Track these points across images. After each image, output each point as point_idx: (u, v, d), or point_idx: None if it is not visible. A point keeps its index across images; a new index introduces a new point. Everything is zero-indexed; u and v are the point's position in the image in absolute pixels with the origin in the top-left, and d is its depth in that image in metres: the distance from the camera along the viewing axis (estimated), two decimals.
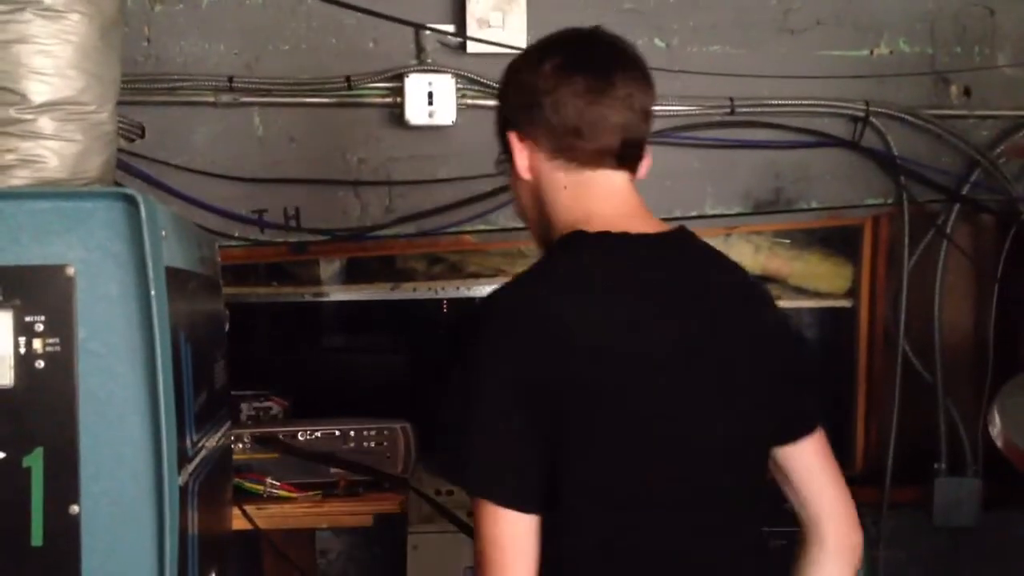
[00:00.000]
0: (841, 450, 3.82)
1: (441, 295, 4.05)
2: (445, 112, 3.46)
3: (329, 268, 3.96)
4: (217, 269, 2.68)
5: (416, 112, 3.46)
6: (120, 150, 3.42)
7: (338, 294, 3.99)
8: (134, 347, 1.75)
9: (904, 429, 3.73)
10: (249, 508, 3.05)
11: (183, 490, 1.90)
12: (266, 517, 3.07)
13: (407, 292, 3.98)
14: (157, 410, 1.74)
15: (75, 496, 1.74)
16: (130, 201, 1.74)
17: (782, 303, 3.94)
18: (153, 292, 1.72)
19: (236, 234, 3.55)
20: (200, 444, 2.13)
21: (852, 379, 3.92)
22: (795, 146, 3.63)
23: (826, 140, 3.63)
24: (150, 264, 1.72)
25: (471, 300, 3.99)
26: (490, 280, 3.98)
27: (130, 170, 3.45)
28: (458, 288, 4.02)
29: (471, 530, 3.35)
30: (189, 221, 2.56)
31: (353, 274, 3.99)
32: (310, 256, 3.69)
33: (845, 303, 3.93)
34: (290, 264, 3.95)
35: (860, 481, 3.83)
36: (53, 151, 2.13)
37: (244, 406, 3.63)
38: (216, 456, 2.35)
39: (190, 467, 1.99)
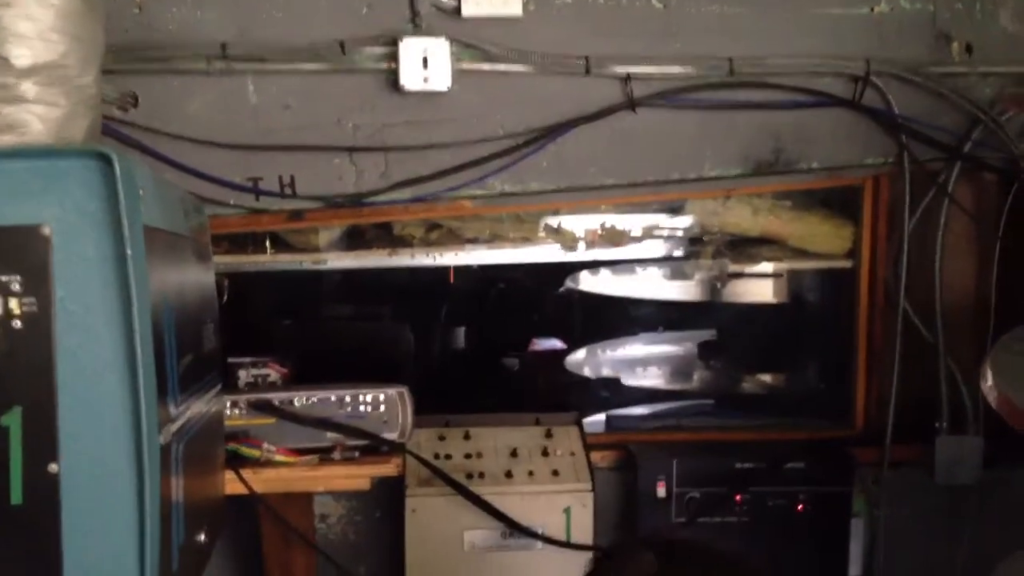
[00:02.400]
0: (842, 410, 3.92)
1: (440, 262, 4.04)
2: (440, 77, 3.43)
3: (328, 236, 3.95)
4: (207, 235, 2.68)
5: (411, 77, 3.43)
6: (113, 119, 3.45)
7: (336, 261, 3.97)
8: (112, 307, 1.75)
9: (905, 388, 3.71)
10: (246, 473, 3.07)
11: (166, 451, 1.90)
12: (263, 481, 3.09)
13: (405, 258, 3.98)
14: (135, 369, 1.74)
15: (53, 455, 1.75)
16: (105, 160, 1.73)
17: (782, 265, 3.94)
18: (129, 251, 1.72)
19: (232, 202, 3.52)
20: (185, 406, 2.13)
21: (853, 339, 3.92)
22: (795, 106, 3.57)
23: (826, 100, 3.57)
24: (126, 223, 1.72)
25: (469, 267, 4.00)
26: (489, 245, 3.98)
27: (124, 139, 3.43)
28: (456, 254, 4.02)
29: (468, 493, 3.40)
30: (176, 185, 2.56)
31: (352, 242, 3.98)
32: (306, 223, 3.67)
33: (846, 264, 3.92)
34: (288, 232, 3.94)
35: (861, 440, 3.86)
36: (37, 115, 2.12)
37: (242, 373, 3.62)
38: (205, 419, 2.35)
39: (173, 428, 1.99)
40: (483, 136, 3.55)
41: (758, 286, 4.36)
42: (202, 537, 2.30)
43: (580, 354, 5.09)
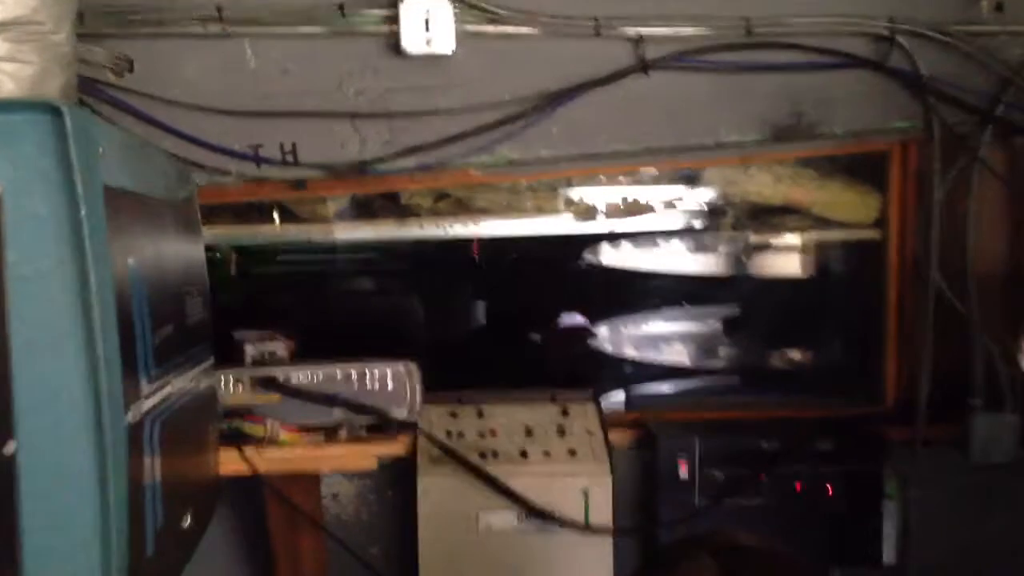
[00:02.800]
0: (872, 387, 3.75)
1: (450, 233, 3.91)
2: (443, 40, 3.31)
3: (334, 206, 3.83)
4: (195, 204, 2.55)
5: (413, 40, 3.30)
6: (109, 85, 3.35)
7: (342, 232, 3.84)
8: (68, 272, 1.62)
9: (938, 364, 3.54)
10: (249, 451, 2.96)
11: (136, 429, 1.78)
12: (267, 461, 3.00)
13: (413, 229, 3.84)
14: (93, 339, 1.61)
15: (9, 433, 1.62)
16: (57, 113, 1.59)
17: (806, 235, 3.79)
18: (84, 211, 1.59)
19: (232, 170, 3.43)
20: (163, 381, 2.00)
21: (882, 313, 3.72)
22: (816, 68, 3.44)
23: (849, 61, 3.44)
24: (79, 181, 1.59)
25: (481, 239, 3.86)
26: (500, 216, 3.84)
27: (120, 105, 3.34)
28: (467, 225, 3.89)
29: (483, 474, 3.27)
30: (161, 150, 2.43)
31: (358, 212, 3.85)
32: (309, 193, 3.55)
33: (873, 234, 3.75)
34: (295, 203, 3.82)
35: (892, 418, 3.68)
36: (8, 74, 2.01)
37: (249, 347, 3.50)
38: (191, 396, 2.23)
39: (147, 404, 1.87)
40: (489, 102, 3.43)
41: (783, 259, 4.22)
42: (187, 521, 2.18)
43: (601, 330, 4.94)
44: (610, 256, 4.55)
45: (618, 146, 3.50)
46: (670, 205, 3.96)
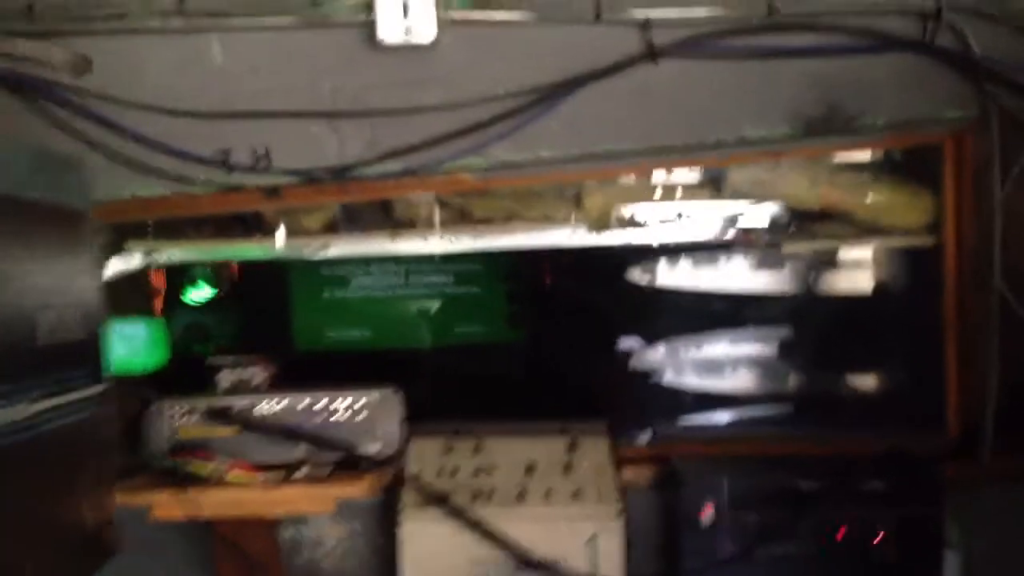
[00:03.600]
0: (930, 414, 3.38)
1: (457, 247, 3.57)
2: (423, 28, 3.02)
3: (321, 217, 3.52)
4: (85, 212, 2.23)
5: (390, 28, 3.01)
6: (66, 86, 3.10)
7: (326, 249, 3.54)
8: None
9: (1006, 386, 3.19)
10: (190, 493, 2.64)
11: None
12: (211, 504, 2.69)
13: (415, 242, 3.51)
14: None
15: None
16: None
17: (848, 244, 3.37)
18: None
19: (200, 178, 3.16)
20: None
21: (940, 329, 3.37)
22: (852, 51, 3.10)
23: (889, 42, 3.09)
24: None
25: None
26: (503, 228, 3.49)
27: (77, 108, 3.12)
28: (474, 238, 3.54)
29: (469, 519, 2.91)
30: (30, 145, 2.13)
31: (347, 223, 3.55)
32: (285, 202, 3.24)
33: (926, 240, 3.40)
34: (281, 215, 3.54)
35: (956, 452, 3.31)
36: None
37: (223, 374, 3.23)
38: (47, 428, 1.89)
39: None
40: (481, 97, 3.11)
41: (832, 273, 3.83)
42: None
43: (645, 354, 4.55)
44: (643, 273, 4.21)
45: (628, 144, 3.16)
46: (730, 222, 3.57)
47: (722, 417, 3.98)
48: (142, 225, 3.61)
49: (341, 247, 3.54)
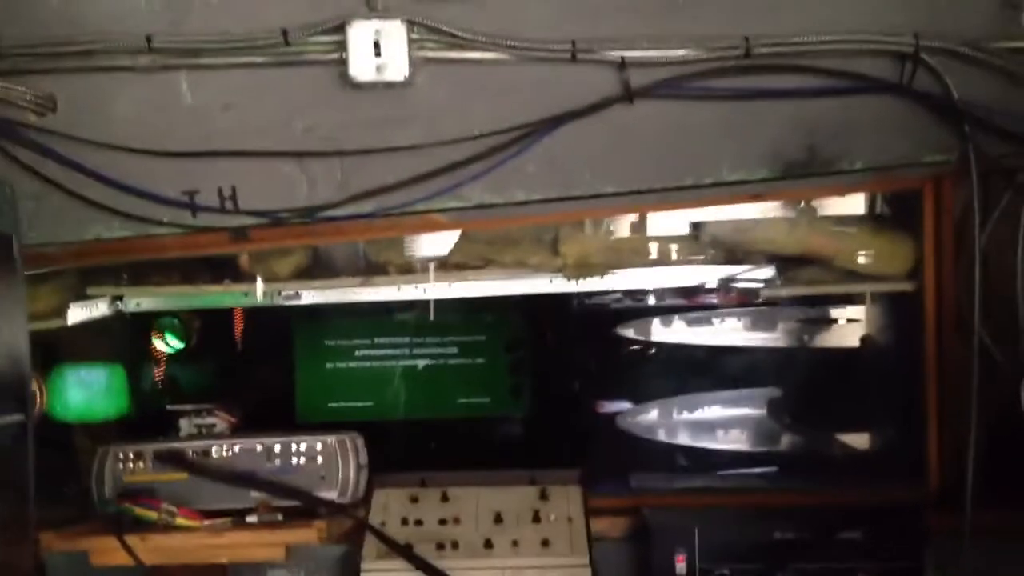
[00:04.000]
0: (911, 465, 3.30)
1: (430, 295, 3.49)
2: (396, 65, 2.98)
3: (293, 261, 3.44)
4: None
5: (362, 66, 2.98)
6: (29, 126, 3.04)
7: (297, 295, 3.45)
8: None
9: (989, 435, 3.09)
10: (132, 540, 2.53)
11: None
12: (154, 551, 2.55)
13: (385, 289, 3.43)
14: None
15: None
16: None
17: (828, 288, 3.31)
18: None
19: (165, 219, 3.10)
20: None
21: (920, 377, 3.28)
22: (830, 93, 3.06)
23: (868, 84, 3.05)
24: None
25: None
26: (477, 274, 3.42)
27: (40, 149, 3.07)
28: (449, 285, 3.46)
29: (431, 570, 2.80)
30: None
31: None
32: (253, 245, 3.18)
33: (907, 286, 3.33)
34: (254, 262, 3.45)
35: (935, 504, 3.21)
36: None
37: (184, 422, 3.16)
38: None
39: None
40: (454, 137, 3.06)
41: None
42: None
43: (633, 414, 4.48)
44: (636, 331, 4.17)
45: (605, 186, 3.11)
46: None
47: (702, 471, 3.88)
48: (109, 270, 3.54)
49: (314, 295, 3.44)
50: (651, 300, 4.88)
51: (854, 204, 3.42)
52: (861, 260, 3.32)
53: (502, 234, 3.40)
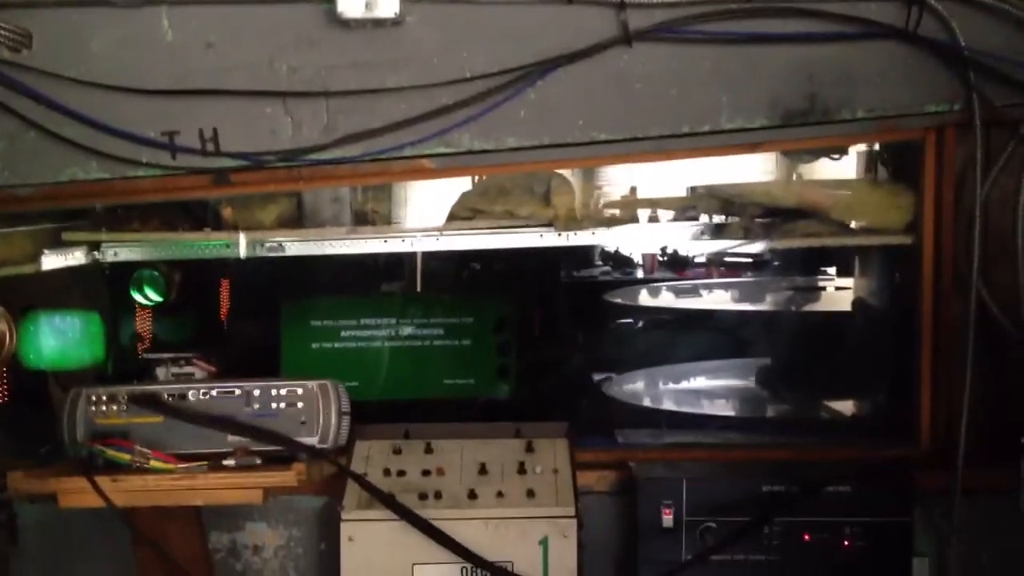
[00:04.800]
0: (903, 424, 3.23)
1: (416, 247, 3.41)
2: (387, 1, 2.82)
3: (276, 209, 3.35)
4: None
5: (350, 2, 2.83)
6: (3, 62, 2.93)
7: (280, 246, 3.35)
8: None
9: (982, 395, 3.07)
10: (102, 481, 2.44)
11: None
12: (125, 493, 2.47)
13: (371, 242, 3.35)
14: None
15: None
16: None
17: (824, 241, 3.25)
18: None
19: (144, 160, 3.01)
20: None
21: (915, 334, 3.21)
22: (833, 39, 2.98)
23: (873, 30, 2.97)
24: None
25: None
26: (465, 224, 3.33)
27: (15, 85, 2.97)
28: (437, 238, 3.38)
29: (412, 517, 2.74)
30: None
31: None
32: (235, 189, 3.09)
33: (904, 239, 3.24)
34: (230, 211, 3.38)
35: (927, 462, 3.14)
36: None
37: (160, 371, 3.09)
38: None
39: None
40: (446, 80, 2.97)
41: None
42: None
43: (626, 381, 4.43)
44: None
45: (599, 133, 3.03)
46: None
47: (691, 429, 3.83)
48: (87, 218, 3.45)
49: (298, 247, 3.35)
50: (639, 274, 4.88)
51: (852, 156, 3.35)
52: (857, 213, 3.25)
53: (492, 184, 3.32)
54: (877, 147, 3.51)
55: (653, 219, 3.50)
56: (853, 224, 3.31)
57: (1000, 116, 2.99)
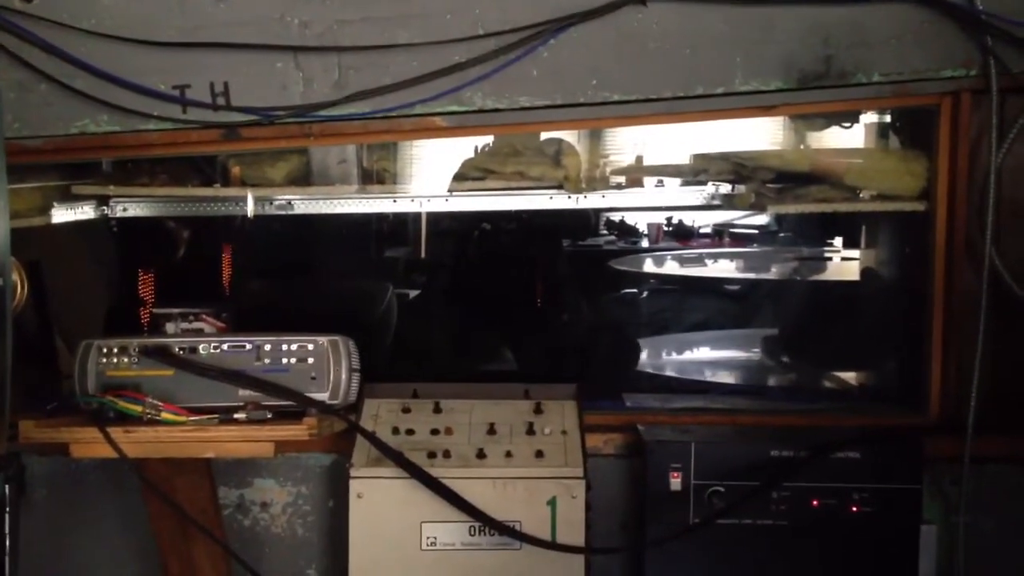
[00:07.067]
0: (912, 392, 3.21)
1: (425, 208, 3.40)
2: None
3: (286, 167, 3.33)
4: None
5: None
6: (14, 11, 2.92)
7: (288, 200, 3.35)
8: None
9: (992, 364, 3.02)
10: (114, 431, 2.44)
11: None
12: (136, 444, 2.47)
13: (380, 202, 3.34)
14: None
15: None
16: None
17: (837, 207, 3.22)
18: None
19: (155, 113, 3.00)
20: None
21: (927, 301, 3.17)
22: (849, 1, 2.94)
23: None
24: None
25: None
26: (477, 185, 3.32)
27: (25, 35, 2.96)
28: (447, 199, 3.37)
29: (420, 473, 2.74)
30: None
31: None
32: (245, 144, 3.09)
33: (917, 206, 3.18)
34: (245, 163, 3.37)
35: (937, 430, 3.10)
36: None
37: (169, 326, 3.06)
38: None
39: None
40: (458, 37, 2.95)
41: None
42: None
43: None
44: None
45: (611, 94, 3.00)
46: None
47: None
48: (97, 173, 3.45)
49: (306, 205, 3.34)
50: (644, 243, 4.88)
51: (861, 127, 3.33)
52: (870, 179, 3.23)
53: (503, 144, 3.30)
54: (888, 118, 3.50)
55: (660, 186, 3.49)
56: (865, 193, 3.28)
57: (1017, 83, 2.93)
